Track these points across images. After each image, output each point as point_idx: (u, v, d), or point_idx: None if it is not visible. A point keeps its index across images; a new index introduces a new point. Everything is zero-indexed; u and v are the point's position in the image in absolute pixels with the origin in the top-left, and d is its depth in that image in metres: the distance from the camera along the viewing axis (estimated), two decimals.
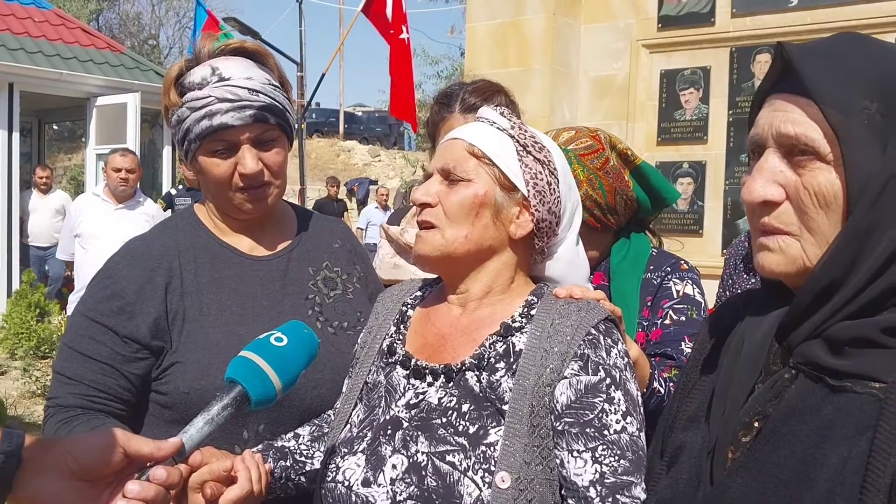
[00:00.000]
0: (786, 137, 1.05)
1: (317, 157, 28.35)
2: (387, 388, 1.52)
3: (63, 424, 1.69)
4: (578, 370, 1.37)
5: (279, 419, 1.73)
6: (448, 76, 26.65)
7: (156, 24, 35.94)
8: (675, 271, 2.07)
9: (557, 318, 1.43)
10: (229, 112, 1.74)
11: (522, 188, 1.49)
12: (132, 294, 1.76)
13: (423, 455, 1.38)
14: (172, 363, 1.75)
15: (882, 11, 5.70)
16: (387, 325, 1.63)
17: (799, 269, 1.06)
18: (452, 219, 1.47)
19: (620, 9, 6.68)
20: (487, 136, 1.51)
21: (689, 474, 1.16)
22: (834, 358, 1.01)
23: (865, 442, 0.95)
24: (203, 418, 1.21)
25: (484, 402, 1.40)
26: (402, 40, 9.91)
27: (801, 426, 1.02)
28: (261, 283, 1.87)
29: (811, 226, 1.05)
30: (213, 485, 1.40)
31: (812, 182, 1.03)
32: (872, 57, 1.04)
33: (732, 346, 1.18)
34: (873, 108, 1.00)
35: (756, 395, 1.10)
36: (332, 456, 1.49)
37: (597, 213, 2.06)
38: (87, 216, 6.29)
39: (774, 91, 1.10)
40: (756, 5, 6.14)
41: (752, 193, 1.08)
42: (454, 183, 1.49)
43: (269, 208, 1.88)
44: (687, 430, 1.22)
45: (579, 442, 1.34)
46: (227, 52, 1.83)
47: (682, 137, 6.49)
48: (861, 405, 0.97)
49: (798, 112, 1.05)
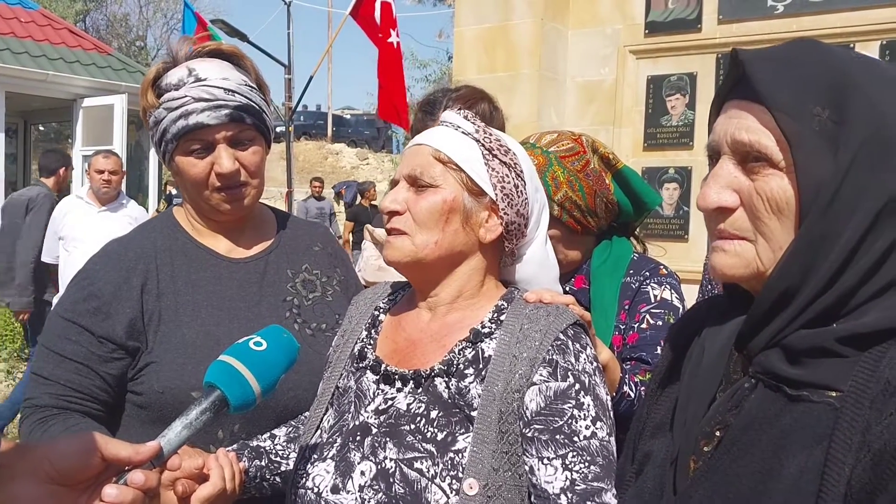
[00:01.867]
0: (740, 144, 1.06)
1: (304, 159, 28.30)
2: (357, 393, 1.52)
3: (39, 424, 1.70)
4: (548, 376, 1.37)
5: (255, 420, 1.73)
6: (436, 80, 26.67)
7: (143, 26, 35.84)
8: (654, 276, 2.08)
9: (526, 323, 1.43)
10: (205, 111, 1.75)
11: (490, 192, 1.49)
12: (108, 295, 1.77)
13: (391, 462, 1.37)
14: (148, 363, 1.75)
15: (866, 19, 5.75)
16: (359, 330, 1.63)
17: (753, 273, 1.07)
18: (422, 225, 1.47)
19: (608, 15, 6.70)
20: (453, 141, 1.50)
21: (654, 483, 1.16)
22: (791, 367, 1.02)
23: (821, 451, 0.95)
24: (181, 422, 1.20)
25: (452, 409, 1.40)
26: (391, 44, 9.91)
27: (761, 436, 1.02)
28: (238, 284, 1.87)
29: (765, 231, 1.05)
30: (185, 482, 1.40)
31: (765, 188, 1.04)
32: (824, 64, 1.04)
33: (694, 355, 1.19)
34: (824, 114, 1.00)
35: (717, 405, 1.11)
36: (303, 462, 1.49)
37: (577, 215, 2.07)
38: (71, 218, 6.27)
39: (730, 97, 1.11)
40: (742, 12, 6.17)
41: (707, 200, 1.08)
42: (422, 189, 1.48)
43: (246, 209, 1.89)
44: (653, 439, 1.23)
45: (549, 449, 1.33)
46: (204, 54, 1.85)
47: (668, 143, 6.51)
48: (818, 414, 0.98)
49: (752, 119, 1.05)
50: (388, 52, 9.97)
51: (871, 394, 0.94)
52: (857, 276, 0.99)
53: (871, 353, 0.97)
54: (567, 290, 2.16)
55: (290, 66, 15.12)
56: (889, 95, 1.02)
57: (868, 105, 1.00)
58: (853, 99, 1.00)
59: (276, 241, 1.99)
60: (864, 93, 1.00)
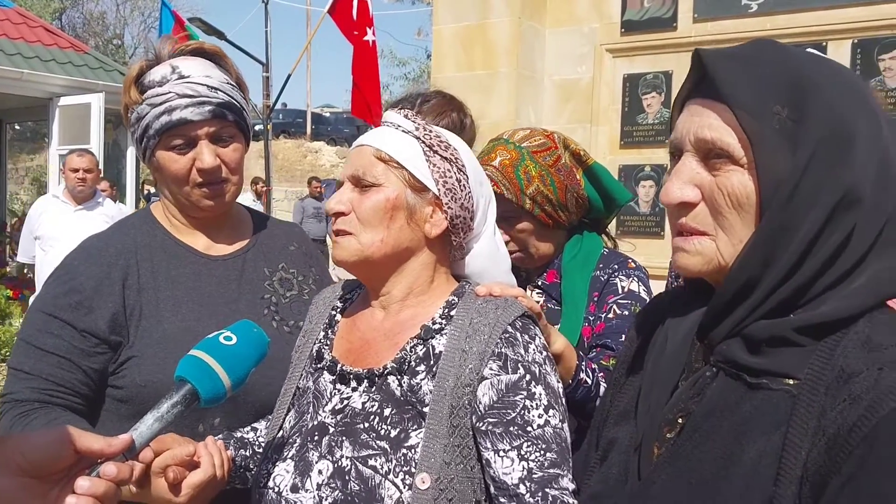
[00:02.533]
0: (702, 142, 1.09)
1: (283, 158, 28.21)
2: (315, 393, 1.54)
3: (20, 418, 1.70)
4: (498, 370, 1.39)
5: (234, 414, 1.75)
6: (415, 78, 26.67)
7: (120, 24, 35.54)
8: (623, 269, 2.12)
9: (476, 317, 1.45)
10: (188, 107, 1.78)
11: (433, 187, 1.51)
12: (90, 289, 1.78)
13: (346, 460, 1.40)
14: (129, 357, 1.77)
15: (838, 18, 5.82)
16: (317, 330, 1.65)
17: (714, 269, 1.10)
18: (366, 224, 1.49)
19: (584, 13, 6.75)
20: (393, 140, 1.52)
21: (618, 469, 1.20)
22: (751, 356, 1.05)
23: (779, 436, 0.99)
24: (153, 415, 1.22)
25: (405, 406, 1.42)
26: (367, 42, 9.90)
27: (722, 422, 1.05)
28: (217, 281, 1.90)
29: (725, 226, 1.08)
30: (176, 469, 1.41)
31: (726, 184, 1.07)
32: (784, 63, 1.08)
33: (657, 344, 1.22)
34: (784, 112, 1.04)
35: (679, 392, 1.14)
36: (265, 461, 1.52)
37: (548, 209, 2.11)
38: (47, 218, 6.24)
39: (693, 96, 1.14)
40: (717, 11, 6.23)
41: (670, 195, 1.11)
42: (365, 189, 1.50)
43: (226, 205, 1.91)
44: (618, 426, 1.26)
45: (504, 441, 1.36)
46: (187, 53, 1.88)
47: (644, 141, 6.57)
48: (776, 401, 1.02)
49: (714, 117, 1.08)
50: (364, 50, 9.96)
51: (827, 381, 0.98)
52: (815, 267, 1.03)
53: (827, 342, 1.01)
54: (539, 284, 2.20)
55: (269, 65, 15.08)
56: (845, 95, 1.06)
57: (825, 104, 1.03)
58: (811, 98, 1.04)
59: (253, 240, 2.01)
60: (822, 92, 1.04)
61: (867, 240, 1.03)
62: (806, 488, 0.95)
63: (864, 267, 1.04)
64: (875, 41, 5.80)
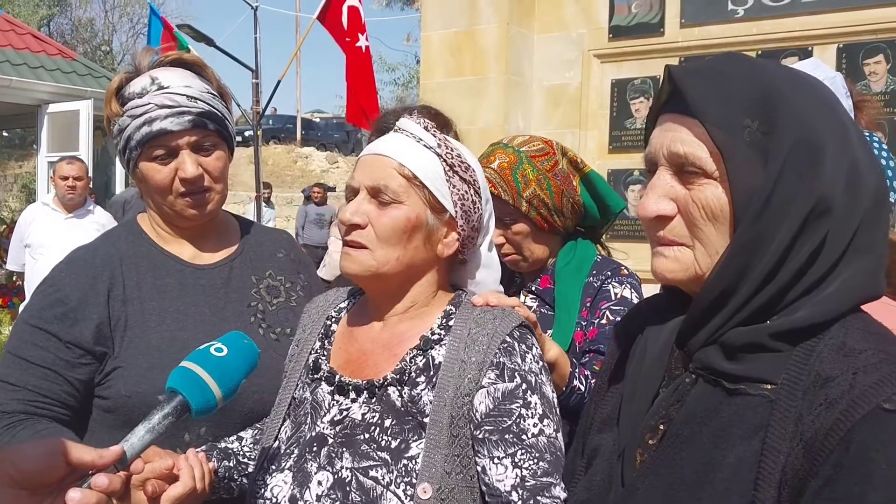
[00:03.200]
0: (675, 156, 1.11)
1: (274, 163, 28.16)
2: (312, 404, 1.54)
3: (6, 430, 1.70)
4: (495, 378, 1.40)
5: (221, 423, 1.75)
6: (405, 83, 26.65)
7: (109, 31, 35.41)
8: (616, 276, 2.14)
9: (474, 327, 1.46)
10: (168, 118, 1.78)
11: (451, 209, 1.50)
12: (75, 300, 1.79)
13: (347, 471, 1.40)
14: (115, 368, 1.77)
15: (824, 23, 5.86)
16: (312, 339, 1.64)
17: (691, 277, 1.12)
18: (384, 241, 1.47)
19: (572, 19, 6.77)
20: (416, 156, 1.49)
21: (602, 476, 1.21)
22: (729, 363, 1.07)
23: (758, 441, 1.00)
24: (144, 427, 1.22)
25: (405, 417, 1.43)
26: (359, 48, 9.91)
27: (702, 428, 1.07)
28: (203, 290, 1.90)
29: (701, 237, 1.10)
30: (155, 482, 1.40)
31: (700, 197, 1.09)
32: (753, 77, 1.09)
33: (637, 352, 1.24)
34: (754, 125, 1.06)
35: (660, 399, 1.16)
36: (261, 472, 1.51)
37: (544, 213, 2.14)
38: (37, 226, 6.20)
39: (665, 111, 1.16)
40: (704, 16, 6.27)
41: (646, 210, 1.13)
42: (385, 205, 1.47)
43: (210, 214, 1.91)
44: (601, 433, 1.28)
45: (499, 448, 1.37)
46: (166, 64, 1.88)
47: (633, 145, 6.59)
48: (754, 406, 1.03)
49: (686, 132, 1.10)
50: (357, 57, 9.96)
51: (803, 385, 1.00)
52: (789, 275, 1.05)
53: (803, 347, 1.03)
54: (533, 289, 2.22)
55: (258, 71, 15.05)
56: (813, 106, 1.08)
57: (794, 115, 1.05)
58: (780, 110, 1.06)
59: (240, 247, 2.02)
60: (790, 104, 1.06)
61: (839, 247, 1.05)
62: (785, 492, 0.97)
63: (836, 273, 1.06)
64: (860, 46, 5.84)
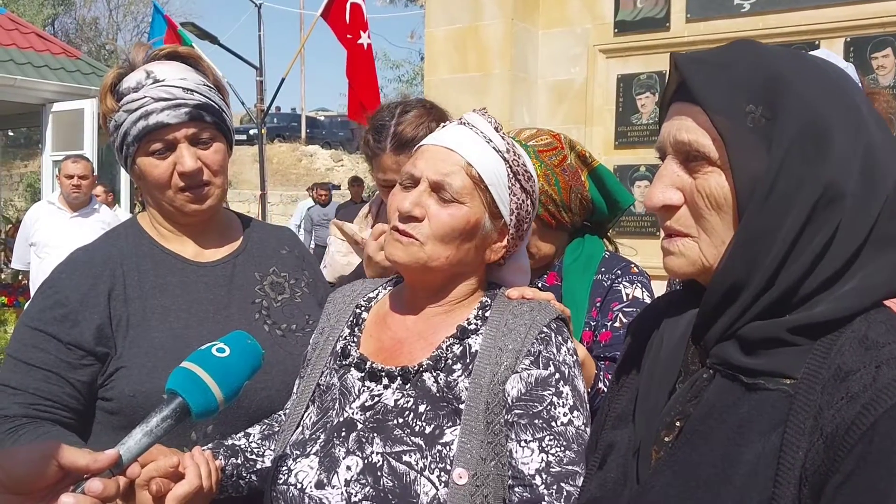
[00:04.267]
0: (681, 144, 1.10)
1: (278, 162, 28.18)
2: (341, 390, 1.53)
3: (9, 434, 1.68)
4: (529, 364, 1.41)
5: (227, 420, 1.73)
6: (409, 80, 26.62)
7: (113, 29, 35.44)
8: (626, 275, 2.11)
9: (511, 317, 1.47)
10: (165, 111, 1.76)
11: (507, 217, 1.51)
12: (75, 302, 1.76)
13: (378, 456, 1.39)
14: (117, 368, 1.75)
15: (830, 17, 5.83)
16: (339, 327, 1.63)
17: (700, 270, 1.11)
18: (439, 239, 1.46)
19: (577, 14, 6.75)
20: (484, 157, 1.48)
21: (617, 473, 1.20)
22: (747, 357, 1.05)
23: (777, 436, 0.99)
24: (142, 430, 1.18)
25: (441, 403, 1.43)
26: (360, 45, 9.89)
27: (720, 424, 1.05)
28: (206, 288, 1.88)
29: (707, 227, 1.09)
30: (160, 481, 1.39)
31: (704, 185, 1.08)
32: (758, 63, 1.08)
33: (653, 348, 1.23)
34: (758, 112, 1.05)
35: (676, 395, 1.14)
36: (284, 458, 1.49)
37: (551, 209, 2.11)
38: (42, 224, 6.21)
39: (674, 100, 1.15)
40: (710, 11, 6.24)
41: (653, 199, 1.13)
42: (446, 202, 1.47)
43: (211, 209, 1.89)
44: (615, 430, 1.27)
45: (527, 432, 1.37)
46: (161, 58, 1.86)
47: (639, 141, 6.57)
48: (773, 401, 1.02)
49: (690, 120, 1.10)
50: (358, 54, 9.94)
51: (823, 380, 0.98)
52: (802, 268, 1.03)
53: (823, 342, 1.01)
54: (539, 286, 2.19)
55: (262, 69, 15.04)
56: (819, 90, 1.05)
57: (799, 100, 1.03)
58: (784, 95, 1.04)
59: (243, 244, 1.99)
60: (795, 88, 1.04)
61: (856, 237, 1.02)
62: (805, 488, 0.95)
63: (857, 266, 1.03)
64: (867, 39, 5.81)
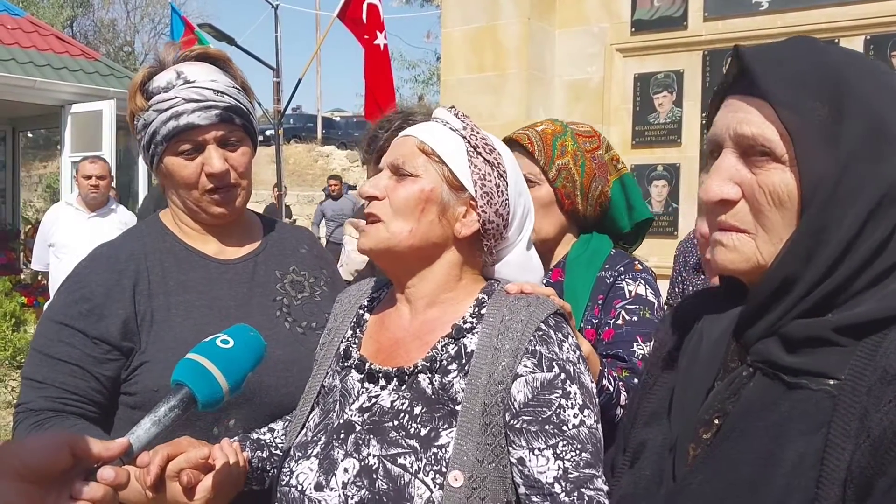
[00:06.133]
0: (743, 138, 1.08)
1: (295, 162, 28.30)
2: (341, 392, 1.53)
3: (35, 427, 1.69)
4: (533, 367, 1.39)
5: (250, 416, 1.74)
6: (425, 80, 26.65)
7: (131, 31, 35.72)
8: (629, 271, 2.09)
9: (507, 314, 1.45)
10: (196, 112, 1.78)
11: (470, 188, 1.50)
12: (101, 296, 1.78)
13: (374, 458, 1.39)
14: (141, 363, 1.76)
15: (850, 14, 5.80)
16: (344, 328, 1.64)
17: (753, 267, 1.09)
18: (398, 212, 1.49)
19: (594, 13, 6.74)
20: (439, 135, 1.53)
21: (652, 471, 1.18)
22: (789, 356, 1.04)
23: (820, 438, 0.97)
24: (150, 419, 1.21)
25: (436, 405, 1.42)
26: (377, 46, 9.90)
27: (759, 423, 1.04)
28: (228, 285, 1.89)
29: (766, 224, 1.07)
30: (191, 472, 1.40)
31: (767, 181, 1.06)
32: (820, 61, 1.07)
33: (691, 345, 1.20)
34: (824, 110, 1.03)
35: (715, 393, 1.13)
36: (288, 460, 1.50)
37: (569, 188, 2.12)
38: (61, 225, 6.25)
39: (731, 92, 1.13)
40: (728, 9, 6.22)
41: (710, 192, 1.10)
42: (402, 178, 1.50)
43: (237, 211, 1.91)
44: (649, 427, 1.24)
45: (539, 440, 1.35)
46: (191, 59, 1.87)
47: (656, 140, 6.55)
48: (816, 402, 1.00)
49: (754, 113, 1.07)
50: (374, 54, 9.96)
51: (869, 382, 0.96)
52: (855, 264, 1.02)
53: (868, 342, 1.00)
54: (544, 282, 2.18)
55: (279, 70, 15.11)
56: (882, 92, 1.05)
57: (863, 102, 1.03)
58: (849, 96, 1.03)
59: (264, 243, 2.01)
60: (859, 89, 1.04)
61: None
62: (850, 490, 0.94)
63: None
64: (887, 37, 5.77)
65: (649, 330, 2.00)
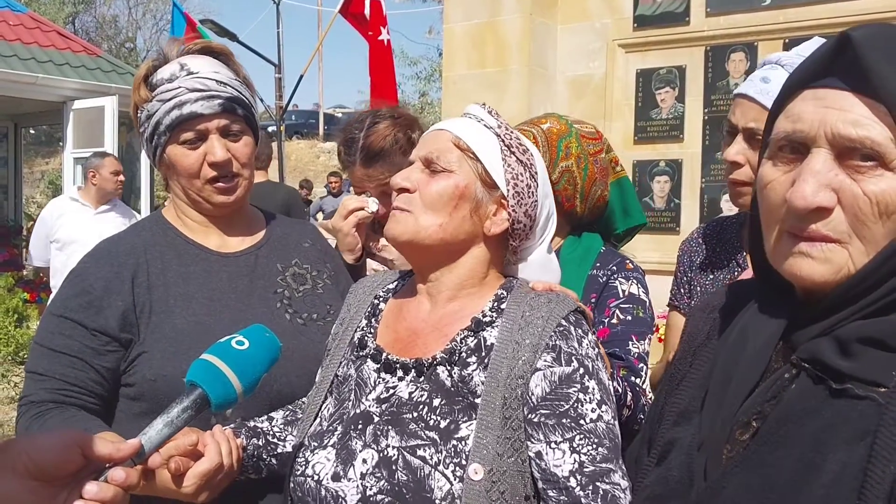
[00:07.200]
0: (845, 139, 0.96)
1: (296, 158, 28.27)
2: (357, 381, 1.53)
3: (35, 419, 1.71)
4: (552, 361, 1.39)
5: (248, 405, 1.74)
6: (427, 76, 26.60)
7: (133, 27, 35.64)
8: (621, 270, 2.11)
9: (528, 310, 1.45)
10: (199, 101, 1.81)
11: (503, 186, 1.51)
12: (100, 289, 1.80)
13: (393, 449, 1.39)
14: (140, 353, 1.78)
15: (852, 9, 5.77)
16: (358, 318, 1.64)
17: (843, 277, 0.99)
18: (429, 207, 1.49)
19: (596, 9, 6.73)
20: (474, 131, 1.53)
21: (681, 471, 1.12)
22: (841, 358, 0.97)
23: (864, 447, 0.91)
24: (163, 420, 1.21)
25: (456, 397, 1.42)
26: (381, 41, 9.89)
27: (800, 428, 0.98)
28: (229, 277, 1.91)
29: (864, 234, 0.97)
30: (179, 459, 1.41)
31: (874, 190, 0.95)
32: None
33: (731, 342, 1.12)
34: None
35: (755, 395, 1.06)
36: (302, 449, 1.50)
37: (570, 191, 2.13)
38: (67, 221, 6.21)
39: (822, 84, 1.00)
40: (730, 4, 6.20)
41: (806, 199, 0.97)
42: (436, 173, 1.50)
43: (238, 201, 1.93)
44: (678, 426, 1.18)
45: (556, 433, 1.36)
46: (194, 52, 1.91)
47: (658, 136, 6.54)
48: (861, 409, 0.94)
49: (863, 111, 0.95)
50: (379, 50, 9.95)
51: None
52: None
53: None
54: None
55: (281, 66, 15.11)
56: None
57: None
58: None
59: (266, 237, 2.03)
60: None
61: None
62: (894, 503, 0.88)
63: None
64: None
65: (643, 329, 2.02)
